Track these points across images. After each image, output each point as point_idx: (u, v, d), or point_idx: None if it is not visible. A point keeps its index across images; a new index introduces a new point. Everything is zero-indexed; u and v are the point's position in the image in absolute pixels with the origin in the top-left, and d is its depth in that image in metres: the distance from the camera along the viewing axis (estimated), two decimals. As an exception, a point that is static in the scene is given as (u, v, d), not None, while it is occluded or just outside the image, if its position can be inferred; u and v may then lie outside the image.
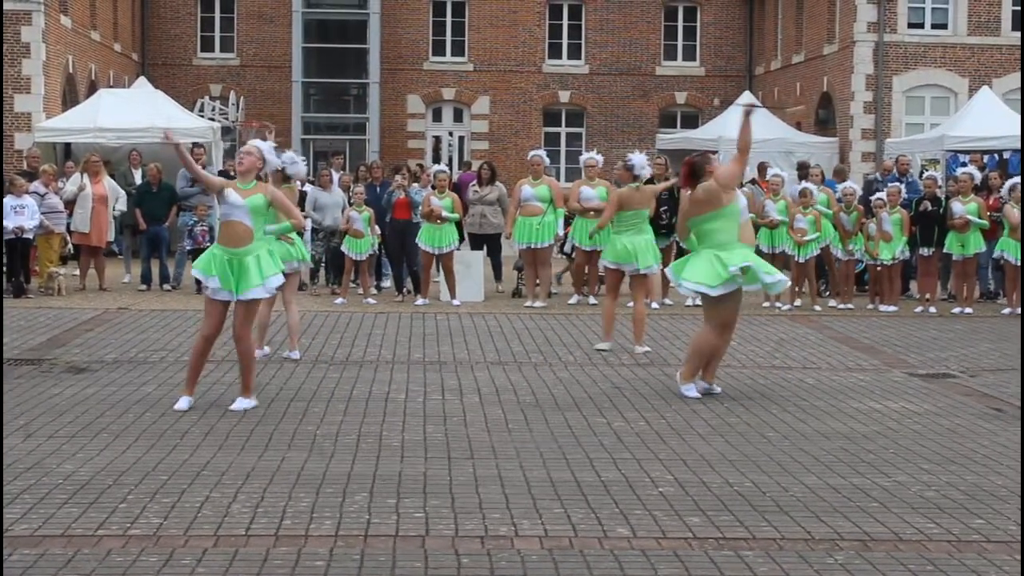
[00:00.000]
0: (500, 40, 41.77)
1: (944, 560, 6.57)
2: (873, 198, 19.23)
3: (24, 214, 18.91)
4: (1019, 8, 33.12)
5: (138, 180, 21.91)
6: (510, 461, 8.65)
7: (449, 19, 41.97)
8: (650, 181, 16.02)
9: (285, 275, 11.25)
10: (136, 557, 6.38)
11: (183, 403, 10.43)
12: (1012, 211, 18.46)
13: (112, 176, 21.70)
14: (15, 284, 18.95)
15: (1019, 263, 18.82)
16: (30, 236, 19.09)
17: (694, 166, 11.59)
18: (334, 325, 16.00)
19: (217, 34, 41.59)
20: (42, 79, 29.25)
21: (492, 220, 19.81)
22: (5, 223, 18.93)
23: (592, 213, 18.11)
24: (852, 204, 19.29)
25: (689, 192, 11.64)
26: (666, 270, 13.18)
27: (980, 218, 18.84)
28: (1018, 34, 33.11)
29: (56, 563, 6.26)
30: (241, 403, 10.47)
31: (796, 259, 18.55)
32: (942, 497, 7.86)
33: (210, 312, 10.61)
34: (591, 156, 19.23)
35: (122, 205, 21.06)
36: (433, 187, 18.89)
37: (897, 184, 19.95)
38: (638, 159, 14.74)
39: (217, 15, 41.55)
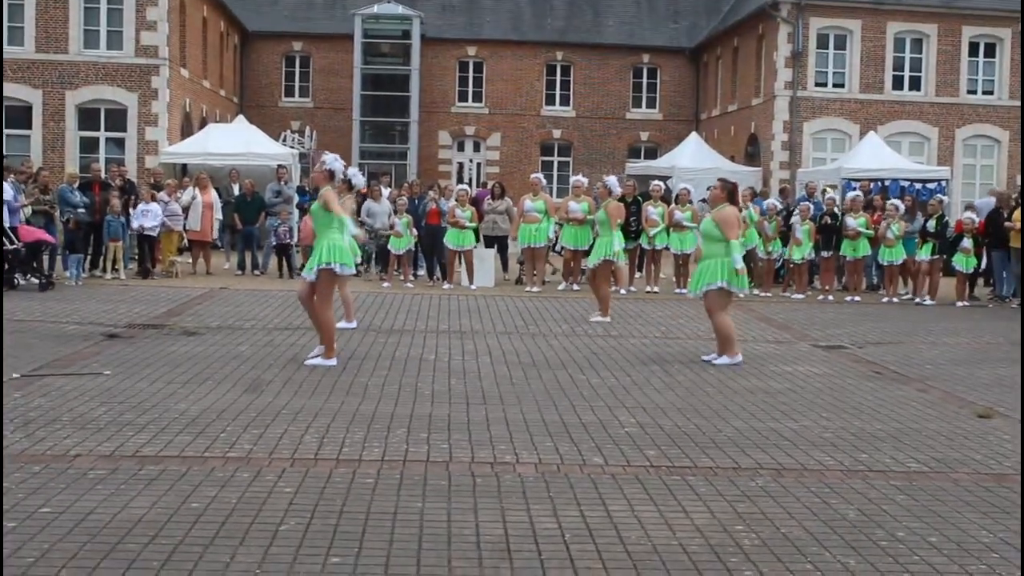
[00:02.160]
0: (509, 91, 41.66)
1: (837, 484, 6.56)
2: (793, 218, 19.23)
3: (148, 216, 18.94)
4: (899, 73, 33.10)
5: (236, 192, 21.87)
6: (513, 406, 8.64)
7: (471, 75, 41.85)
8: (621, 199, 16.02)
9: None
10: (233, 473, 6.39)
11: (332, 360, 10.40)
12: (890, 228, 18.45)
13: (216, 189, 21.66)
14: (143, 269, 18.97)
15: (894, 266, 18.81)
16: (154, 233, 19.11)
17: (734, 191, 11.47)
18: (381, 303, 16.00)
19: (297, 84, 41.50)
20: (166, 116, 29.20)
21: (501, 226, 19.83)
22: (135, 223, 19.00)
23: (573, 221, 18.14)
24: (772, 216, 19.26)
25: (718, 208, 11.28)
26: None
27: (867, 229, 18.83)
28: (896, 92, 33.10)
29: (174, 476, 6.27)
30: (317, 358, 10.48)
31: None
32: (836, 437, 7.84)
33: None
34: (578, 179, 19.18)
35: (218, 214, 21.02)
36: (456, 201, 18.91)
37: (807, 203, 19.93)
38: (612, 180, 14.87)
39: (297, 69, 41.48)
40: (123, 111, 29.06)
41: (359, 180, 13.11)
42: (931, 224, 18.53)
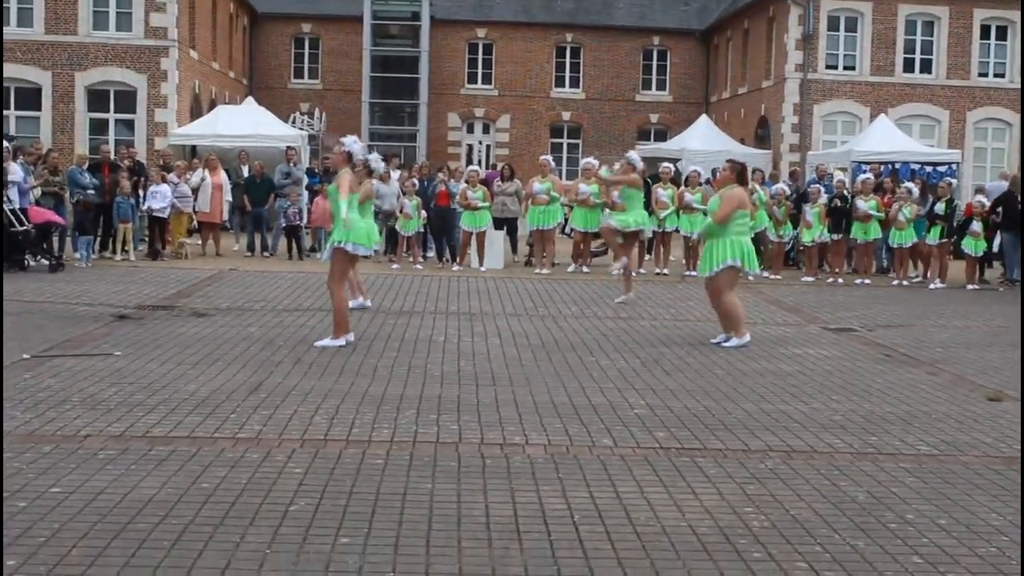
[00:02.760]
0: (518, 73, 41.56)
1: (847, 467, 6.54)
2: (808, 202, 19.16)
3: (158, 198, 18.94)
4: (910, 55, 32.94)
5: (245, 174, 21.86)
6: (522, 388, 8.63)
7: (480, 56, 41.75)
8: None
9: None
10: (242, 454, 6.39)
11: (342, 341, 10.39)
12: (902, 211, 18.36)
13: (226, 171, 21.64)
14: (153, 251, 18.98)
15: (904, 249, 18.75)
16: (163, 215, 19.11)
17: (743, 171, 11.45)
18: (391, 285, 15.99)
19: (306, 65, 41.46)
20: (175, 97, 29.19)
21: (511, 207, 19.81)
22: (144, 205, 19.01)
23: (583, 204, 18.14)
24: (782, 200, 19.20)
25: (726, 188, 11.25)
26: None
27: (877, 212, 18.77)
28: (907, 75, 32.92)
29: (184, 457, 6.28)
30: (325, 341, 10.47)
31: None
32: (846, 420, 7.83)
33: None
34: (589, 161, 19.08)
35: (228, 195, 20.99)
36: (467, 182, 18.92)
37: (817, 185, 19.86)
38: (634, 155, 14.88)
39: (306, 51, 41.44)
40: (132, 92, 29.04)
41: (379, 166, 12.73)
42: (940, 207, 18.46)
